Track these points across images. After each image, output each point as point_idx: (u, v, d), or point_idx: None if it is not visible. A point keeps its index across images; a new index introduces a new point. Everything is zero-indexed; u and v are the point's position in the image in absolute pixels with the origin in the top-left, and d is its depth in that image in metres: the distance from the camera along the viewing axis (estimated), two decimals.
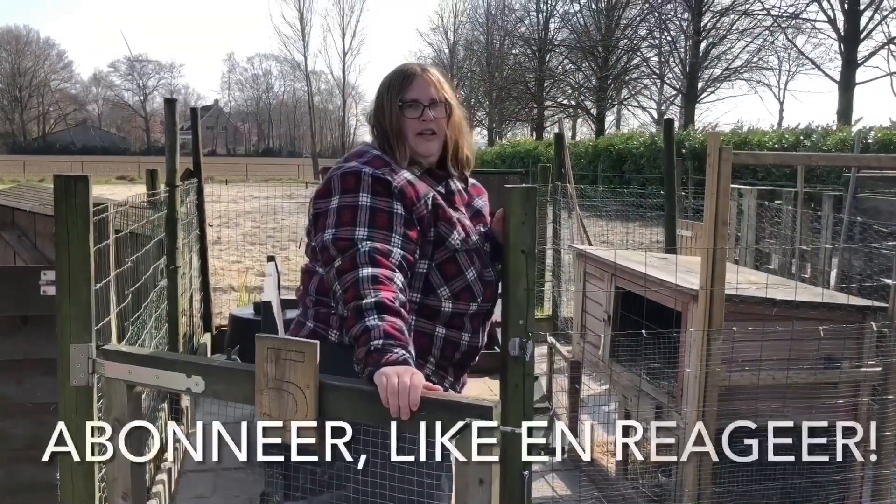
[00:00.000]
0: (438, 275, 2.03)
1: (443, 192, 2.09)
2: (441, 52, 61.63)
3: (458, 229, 2.05)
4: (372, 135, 2.17)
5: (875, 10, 29.77)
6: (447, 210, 2.05)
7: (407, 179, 2.02)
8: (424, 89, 2.09)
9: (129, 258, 3.76)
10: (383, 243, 1.90)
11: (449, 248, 2.04)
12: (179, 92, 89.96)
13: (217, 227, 14.87)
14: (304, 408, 1.79)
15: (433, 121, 2.07)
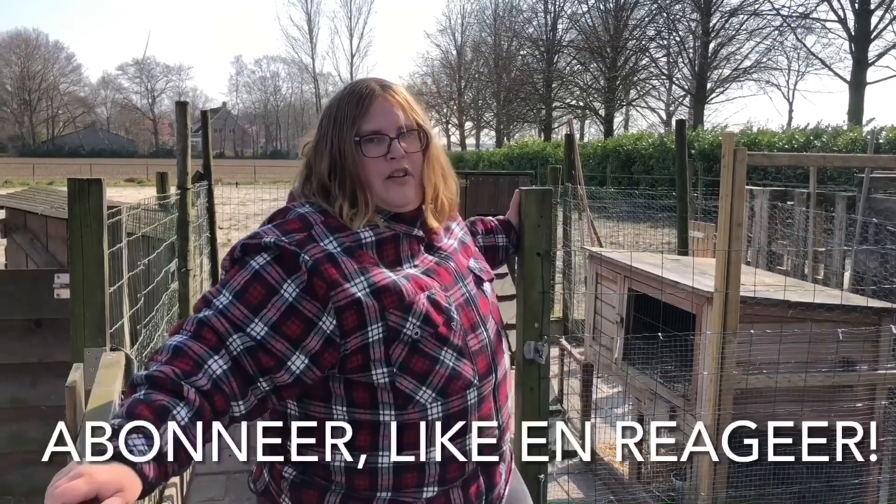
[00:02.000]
0: (408, 377, 1.42)
1: (420, 234, 1.54)
2: (449, 54, 61.67)
3: (417, 307, 1.42)
4: (301, 182, 1.55)
5: (886, 10, 29.63)
6: (389, 293, 1.41)
7: (331, 252, 1.41)
8: (389, 115, 1.49)
9: (141, 261, 3.76)
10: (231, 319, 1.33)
11: (403, 342, 1.41)
12: (187, 94, 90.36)
13: (227, 230, 14.91)
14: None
15: (405, 156, 1.49)
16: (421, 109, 1.56)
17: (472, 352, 1.49)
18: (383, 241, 1.49)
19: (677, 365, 3.63)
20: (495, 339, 1.57)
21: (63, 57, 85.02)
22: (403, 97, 1.53)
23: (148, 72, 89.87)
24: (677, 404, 3.57)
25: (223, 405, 1.29)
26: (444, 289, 1.49)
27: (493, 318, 1.59)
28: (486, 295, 1.60)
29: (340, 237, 1.45)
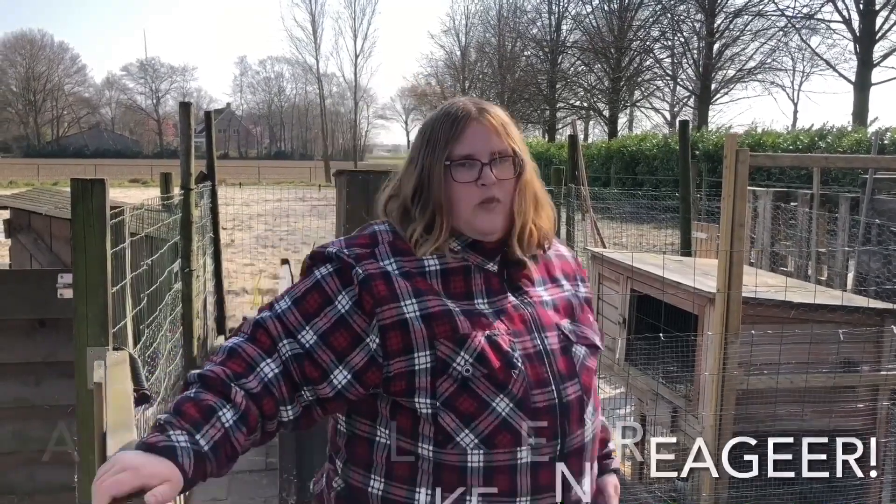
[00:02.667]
0: (452, 415, 1.33)
1: (494, 269, 1.43)
2: (453, 55, 61.67)
3: (472, 342, 1.34)
4: (385, 199, 1.51)
5: (891, 11, 29.57)
6: (441, 322, 1.35)
7: (387, 271, 1.38)
8: (483, 139, 1.41)
9: (144, 261, 3.77)
10: (286, 324, 1.35)
11: (453, 377, 1.34)
12: (192, 95, 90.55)
13: (230, 230, 14.94)
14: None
15: (497, 183, 1.40)
16: (517, 134, 1.46)
17: (535, 408, 1.35)
18: (450, 271, 1.41)
19: (679, 365, 3.64)
20: (574, 405, 1.39)
21: (68, 58, 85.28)
22: (500, 121, 1.44)
23: (152, 72, 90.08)
24: (679, 405, 3.57)
25: (272, 408, 1.30)
26: (511, 333, 1.37)
27: (580, 384, 1.40)
28: (573, 358, 1.42)
29: (402, 261, 1.40)
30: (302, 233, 15.09)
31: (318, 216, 17.01)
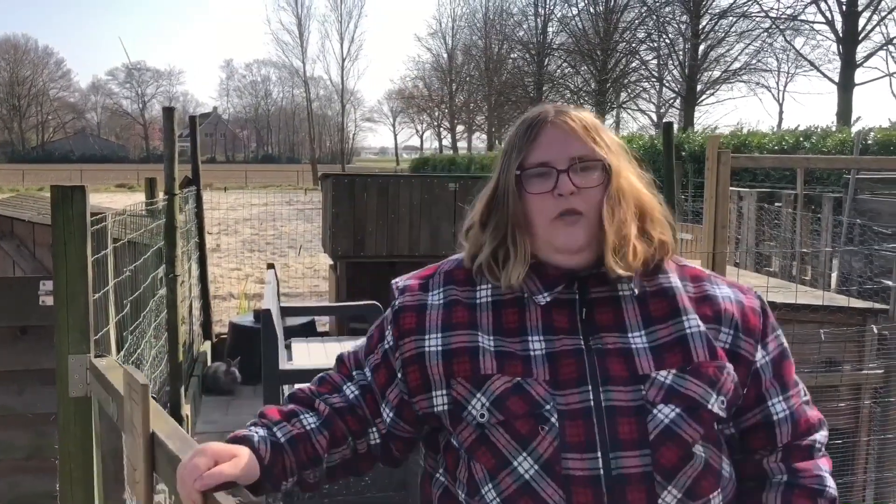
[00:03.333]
0: (478, 465, 1.19)
1: (549, 300, 1.22)
2: (440, 57, 61.79)
3: (499, 384, 1.17)
4: (465, 230, 1.33)
5: (873, 11, 29.80)
6: (460, 360, 1.21)
7: (416, 305, 1.29)
8: (560, 144, 1.22)
9: (127, 267, 3.75)
10: (358, 358, 1.36)
11: (469, 423, 1.19)
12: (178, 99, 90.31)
13: (216, 235, 14.89)
14: (139, 459, 1.43)
15: (576, 193, 1.20)
16: (608, 136, 1.25)
17: (568, 476, 1.12)
18: (503, 302, 1.24)
19: None
20: (632, 481, 1.12)
21: (53, 62, 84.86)
22: (581, 123, 1.24)
23: (138, 77, 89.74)
24: None
25: (357, 426, 1.28)
26: (551, 383, 1.15)
27: (652, 456, 1.12)
28: (648, 422, 1.13)
29: (454, 290, 1.28)
30: (289, 237, 15.06)
31: (306, 220, 16.99)
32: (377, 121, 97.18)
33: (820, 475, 1.24)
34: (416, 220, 6.78)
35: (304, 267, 12.41)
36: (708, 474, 1.15)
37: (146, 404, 1.40)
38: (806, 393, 1.30)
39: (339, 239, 6.66)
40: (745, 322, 1.23)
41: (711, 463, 1.16)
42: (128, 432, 1.48)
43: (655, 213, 1.26)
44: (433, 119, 67.46)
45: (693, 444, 1.14)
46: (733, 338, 1.21)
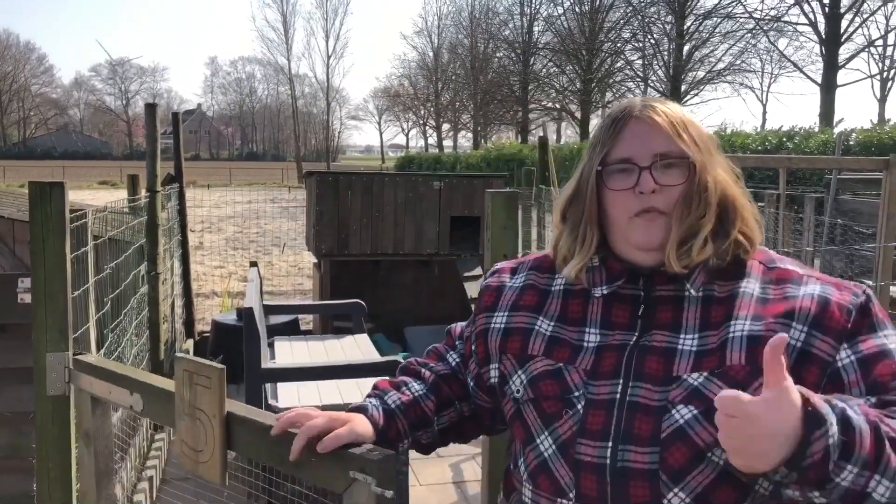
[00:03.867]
0: (517, 439, 1.28)
1: (606, 293, 1.24)
2: (425, 56, 61.77)
3: (538, 364, 1.24)
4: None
5: (855, 14, 30.09)
6: (513, 339, 1.29)
7: (497, 286, 1.38)
8: (643, 140, 1.19)
9: (108, 264, 3.72)
10: (461, 330, 1.48)
11: (510, 397, 1.27)
12: (162, 96, 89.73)
13: (199, 233, 14.81)
14: (213, 438, 1.54)
15: (658, 191, 1.18)
16: (697, 132, 1.21)
17: (578, 460, 1.15)
18: (572, 293, 1.27)
19: None
20: (635, 475, 1.12)
21: (35, 58, 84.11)
22: (670, 118, 1.20)
23: (121, 73, 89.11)
24: None
25: (460, 391, 1.40)
26: (590, 373, 1.19)
27: (660, 455, 1.11)
28: (663, 421, 1.12)
29: (535, 275, 1.34)
30: (273, 235, 15.01)
31: (290, 217, 16.93)
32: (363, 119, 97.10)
33: None
34: (400, 219, 6.77)
35: (288, 265, 12.36)
36: (725, 485, 1.10)
37: (223, 388, 1.52)
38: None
39: (323, 237, 6.64)
40: (826, 320, 1.13)
41: (735, 473, 1.06)
42: (184, 417, 1.60)
43: (739, 210, 1.21)
44: (419, 117, 67.46)
45: (706, 449, 1.09)
46: (806, 336, 1.12)
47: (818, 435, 0.94)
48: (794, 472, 0.96)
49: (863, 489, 0.98)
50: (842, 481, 0.97)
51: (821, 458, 0.95)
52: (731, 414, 0.95)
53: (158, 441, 4.46)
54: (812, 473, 0.96)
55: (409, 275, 7.52)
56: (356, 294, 6.13)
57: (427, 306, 7.55)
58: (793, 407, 0.94)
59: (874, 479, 0.97)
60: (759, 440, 0.94)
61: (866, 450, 0.97)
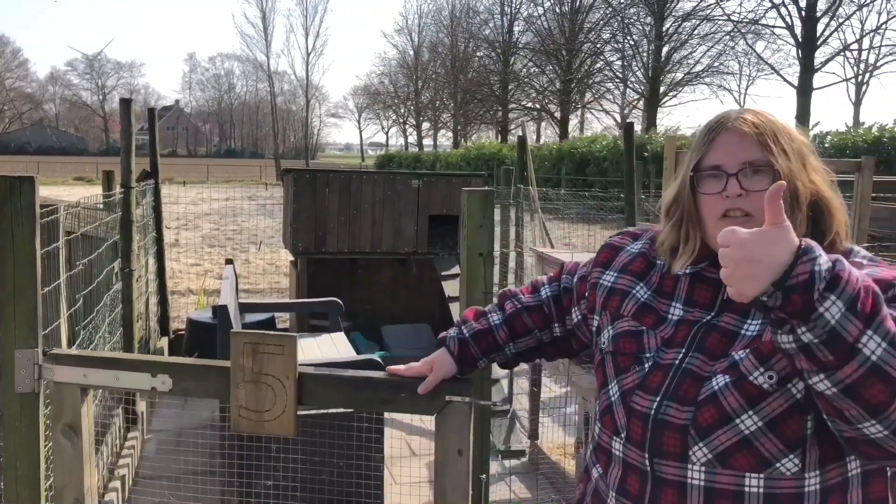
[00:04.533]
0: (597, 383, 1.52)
1: (690, 273, 1.41)
2: (406, 54, 61.73)
3: (624, 324, 1.43)
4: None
5: (831, 18, 30.43)
6: (614, 297, 1.48)
7: (617, 246, 1.58)
8: (734, 148, 1.32)
9: (81, 261, 3.68)
10: (572, 267, 1.74)
11: (599, 348, 1.49)
12: (139, 92, 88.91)
13: (175, 230, 14.68)
14: (284, 397, 1.85)
15: (743, 196, 1.29)
16: (785, 139, 1.32)
17: (631, 408, 1.35)
18: (667, 270, 1.45)
19: None
20: (670, 428, 1.29)
21: (9, 51, 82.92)
22: (759, 129, 1.32)
23: (98, 68, 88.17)
24: None
25: (540, 321, 1.69)
26: (666, 341, 1.36)
27: (693, 414, 1.27)
28: (704, 386, 1.28)
29: (649, 246, 1.51)
30: (250, 232, 14.92)
31: (268, 215, 16.84)
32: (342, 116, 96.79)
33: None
34: (378, 217, 6.75)
35: (265, 263, 12.29)
36: (745, 451, 1.23)
37: (295, 353, 1.83)
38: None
39: (300, 235, 6.60)
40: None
41: (755, 443, 1.22)
42: (244, 384, 1.87)
43: (831, 214, 1.32)
44: (399, 116, 67.37)
45: (733, 414, 1.23)
46: None
47: (805, 259, 1.03)
48: (779, 293, 1.03)
49: (854, 340, 1.03)
50: (825, 312, 1.02)
51: (805, 280, 1.02)
52: (726, 244, 1.08)
53: (131, 440, 4.42)
54: (797, 298, 1.03)
55: (387, 273, 7.50)
56: (333, 292, 6.11)
57: (405, 305, 7.54)
58: (785, 241, 1.05)
59: (866, 332, 1.03)
60: (746, 264, 1.05)
61: (852, 289, 1.02)
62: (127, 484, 3.99)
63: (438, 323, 7.20)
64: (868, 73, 36.01)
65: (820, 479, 1.23)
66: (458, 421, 1.81)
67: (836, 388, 1.07)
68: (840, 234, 1.33)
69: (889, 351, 1.03)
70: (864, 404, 1.06)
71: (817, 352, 1.04)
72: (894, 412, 1.05)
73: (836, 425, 1.15)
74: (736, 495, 1.24)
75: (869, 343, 1.03)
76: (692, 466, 1.27)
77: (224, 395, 1.93)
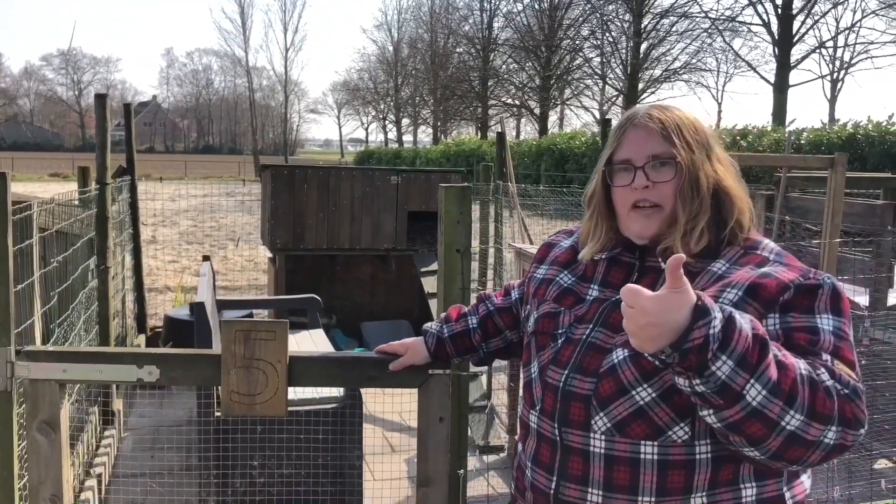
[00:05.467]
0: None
1: (605, 258, 1.52)
2: (385, 50, 61.52)
3: (545, 307, 1.54)
4: None
5: (807, 15, 30.73)
6: (542, 286, 1.59)
7: (552, 243, 1.71)
8: (640, 143, 1.43)
9: (55, 258, 3.64)
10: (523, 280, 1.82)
11: (528, 331, 1.60)
12: (116, 87, 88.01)
13: (153, 226, 14.56)
14: (276, 380, 1.98)
15: (650, 188, 1.41)
16: (689, 133, 1.42)
17: (545, 382, 1.46)
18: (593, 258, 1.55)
19: None
20: (575, 398, 1.39)
21: None
22: (664, 124, 1.42)
23: (74, 63, 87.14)
24: None
25: (510, 322, 1.79)
26: (578, 318, 1.47)
27: (596, 385, 1.37)
28: (605, 359, 1.38)
29: (577, 241, 1.63)
30: (228, 229, 14.83)
31: (247, 211, 16.74)
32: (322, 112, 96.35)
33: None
34: (357, 213, 6.74)
35: (243, 260, 12.23)
36: (641, 421, 1.33)
37: (286, 338, 1.97)
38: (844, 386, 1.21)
39: (279, 231, 6.58)
40: (760, 289, 1.30)
41: (649, 413, 1.32)
42: (235, 370, 1.98)
43: (733, 202, 1.42)
44: (378, 112, 67.16)
45: (629, 386, 1.33)
46: (739, 299, 1.30)
47: (701, 324, 1.12)
48: (677, 354, 1.14)
49: (740, 389, 1.13)
50: (717, 370, 1.13)
51: (700, 344, 1.12)
52: (630, 305, 1.16)
53: (108, 438, 4.38)
54: (693, 357, 1.13)
55: (366, 270, 7.49)
56: (312, 289, 6.09)
57: (384, 301, 7.54)
58: (684, 305, 1.14)
59: (750, 381, 1.13)
60: (649, 328, 1.14)
61: (742, 347, 1.13)
62: (103, 482, 3.95)
63: (418, 319, 7.20)
64: (843, 70, 36.37)
65: (711, 448, 1.31)
66: (439, 392, 1.99)
67: (722, 424, 1.19)
68: (742, 221, 1.42)
69: (767, 397, 1.14)
70: (745, 437, 1.18)
71: (709, 397, 1.16)
72: (771, 443, 1.18)
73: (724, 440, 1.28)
74: (632, 462, 1.33)
75: (751, 391, 1.14)
76: (594, 435, 1.37)
77: (212, 382, 2.07)
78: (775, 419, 1.15)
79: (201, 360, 2.08)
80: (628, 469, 1.33)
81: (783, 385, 1.15)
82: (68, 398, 2.17)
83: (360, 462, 3.66)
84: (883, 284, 4.39)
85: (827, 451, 1.19)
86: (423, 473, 2.19)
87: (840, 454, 1.23)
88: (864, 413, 1.21)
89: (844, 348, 1.27)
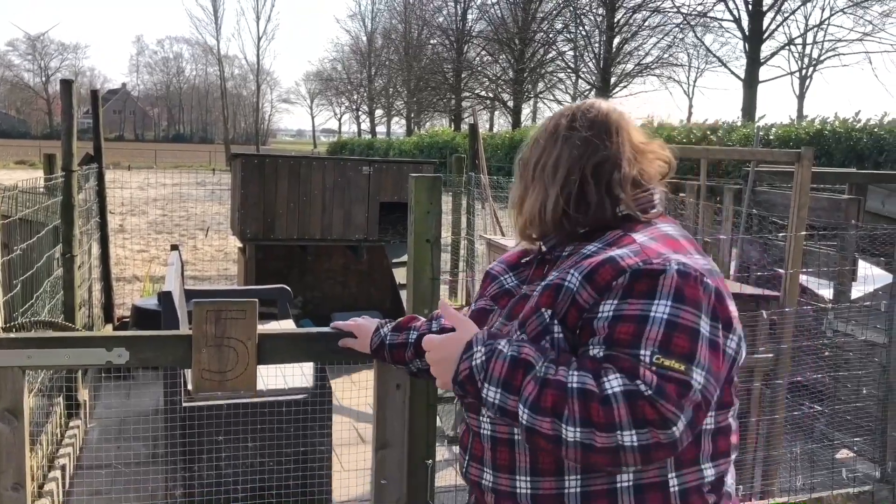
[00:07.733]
0: None
1: (531, 259, 1.64)
2: (359, 40, 61.22)
3: (482, 301, 1.66)
4: None
5: (777, 12, 31.02)
6: (488, 280, 1.70)
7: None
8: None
9: (18, 246, 3.58)
10: None
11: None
12: (85, 74, 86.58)
13: (122, 215, 14.37)
14: (246, 357, 2.07)
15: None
16: (545, 137, 1.61)
17: None
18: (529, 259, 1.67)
19: None
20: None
21: None
22: (534, 131, 1.68)
23: (41, 49, 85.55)
24: None
25: None
26: (498, 311, 1.58)
27: None
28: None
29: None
30: (198, 218, 14.68)
31: (217, 201, 16.57)
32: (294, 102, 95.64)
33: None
34: (328, 204, 6.70)
35: (213, 249, 12.12)
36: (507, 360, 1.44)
37: (255, 316, 2.08)
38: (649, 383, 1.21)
39: (249, 221, 6.52)
40: (596, 275, 1.35)
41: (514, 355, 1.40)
42: (206, 348, 2.06)
43: (535, 189, 1.55)
44: (352, 102, 66.81)
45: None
46: (578, 284, 1.37)
47: (465, 357, 1.34)
48: (456, 385, 1.36)
49: (514, 410, 1.28)
50: (489, 397, 1.31)
51: (467, 375, 1.33)
52: (426, 349, 1.44)
53: (73, 429, 4.33)
54: (469, 388, 1.34)
55: (338, 260, 7.46)
56: (282, 279, 6.06)
57: (355, 292, 7.52)
58: (459, 343, 1.38)
59: (519, 404, 1.27)
60: (436, 364, 1.41)
61: (498, 374, 1.30)
62: (67, 474, 3.91)
63: (390, 310, 7.19)
64: (812, 67, 36.79)
65: None
66: None
67: (523, 438, 1.34)
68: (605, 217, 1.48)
69: (532, 416, 1.25)
70: (543, 447, 1.30)
71: (502, 416, 1.32)
72: (569, 454, 1.24)
73: None
74: (510, 443, 1.43)
75: (521, 412, 1.27)
76: (482, 419, 1.48)
77: (183, 363, 2.11)
78: (552, 433, 1.23)
79: (171, 340, 2.14)
80: (507, 449, 1.44)
81: (544, 403, 1.24)
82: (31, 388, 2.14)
83: (329, 452, 3.65)
84: (846, 278, 4.46)
85: (641, 453, 1.19)
86: (380, 438, 2.32)
87: (670, 451, 1.21)
88: (675, 410, 1.19)
89: (678, 338, 1.24)
